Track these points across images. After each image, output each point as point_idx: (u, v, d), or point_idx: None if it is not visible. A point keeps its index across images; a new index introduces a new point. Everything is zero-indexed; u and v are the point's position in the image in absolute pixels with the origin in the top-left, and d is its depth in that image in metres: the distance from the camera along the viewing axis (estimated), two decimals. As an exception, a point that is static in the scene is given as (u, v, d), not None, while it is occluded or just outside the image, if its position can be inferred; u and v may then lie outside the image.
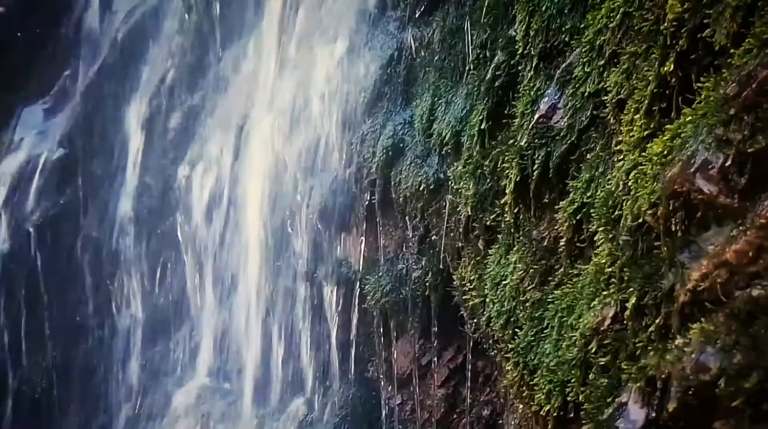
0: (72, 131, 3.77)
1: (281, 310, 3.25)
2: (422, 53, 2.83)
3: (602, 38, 1.90)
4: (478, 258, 2.44)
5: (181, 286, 3.62)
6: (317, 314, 3.19)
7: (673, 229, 1.45)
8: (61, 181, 3.75)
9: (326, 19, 3.08)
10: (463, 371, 2.87)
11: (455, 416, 2.91)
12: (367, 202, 2.95)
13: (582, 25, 2.05)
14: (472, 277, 2.46)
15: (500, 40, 2.47)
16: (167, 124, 3.64)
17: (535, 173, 2.04)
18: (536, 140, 2.04)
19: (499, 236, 2.33)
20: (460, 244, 2.57)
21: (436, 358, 2.85)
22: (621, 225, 1.66)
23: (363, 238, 3.00)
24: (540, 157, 2.03)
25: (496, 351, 2.33)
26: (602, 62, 1.90)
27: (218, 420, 3.42)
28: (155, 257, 3.71)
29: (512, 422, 2.54)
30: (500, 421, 2.76)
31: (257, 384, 3.27)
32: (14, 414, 3.74)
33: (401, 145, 2.81)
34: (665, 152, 1.52)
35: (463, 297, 2.52)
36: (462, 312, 2.63)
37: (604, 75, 1.88)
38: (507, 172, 2.19)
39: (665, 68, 1.57)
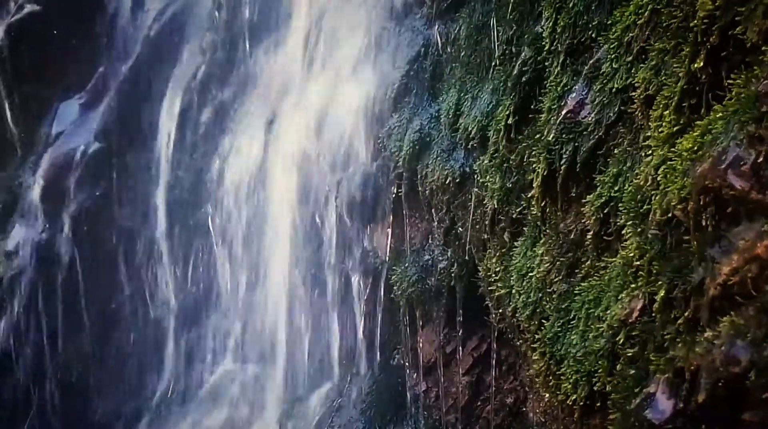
0: (107, 125, 3.87)
1: (309, 298, 3.32)
2: (448, 49, 2.87)
3: (630, 35, 1.93)
4: (503, 250, 2.48)
5: (212, 275, 3.71)
6: (344, 303, 3.26)
7: (704, 223, 1.49)
8: (97, 174, 3.86)
9: (353, 16, 3.13)
10: (486, 359, 2.92)
11: (479, 403, 2.96)
12: (393, 195, 3.00)
13: (609, 22, 2.08)
14: (497, 269, 2.50)
15: (526, 36, 2.50)
16: (199, 118, 3.73)
17: (562, 167, 2.07)
18: (564, 135, 2.08)
19: (525, 229, 2.37)
20: (485, 236, 2.62)
21: (460, 347, 2.90)
22: (650, 219, 1.69)
23: (389, 229, 3.06)
24: (567, 152, 2.06)
25: (521, 341, 2.37)
26: (630, 58, 1.93)
27: (248, 404, 3.51)
28: (187, 247, 3.81)
29: (537, 410, 2.60)
30: (524, 409, 2.80)
31: (286, 370, 3.35)
32: (52, 397, 3.88)
33: (428, 139, 2.86)
34: (695, 148, 1.55)
35: (489, 288, 2.57)
36: (487, 302, 2.67)
37: (632, 71, 1.91)
38: (534, 166, 2.22)
39: (695, 65, 1.60)
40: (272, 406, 3.40)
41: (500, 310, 2.52)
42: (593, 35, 2.13)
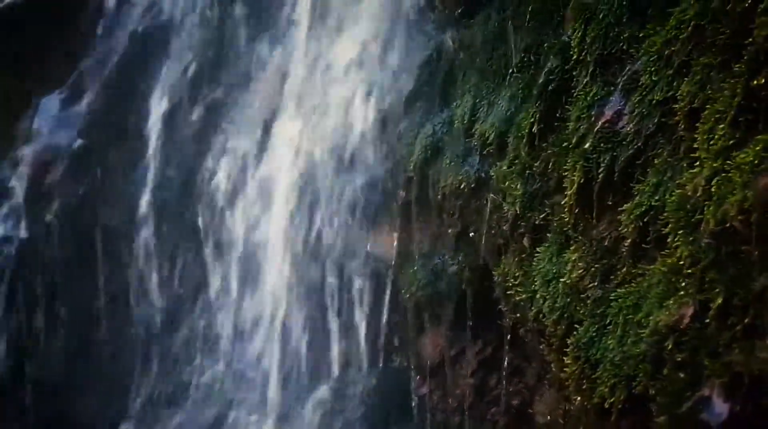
0: (91, 122, 3.72)
1: (307, 300, 3.28)
2: (461, 55, 2.88)
3: (672, 48, 1.99)
4: (523, 255, 2.52)
5: (201, 276, 3.61)
6: (344, 305, 3.23)
7: (768, 235, 1.56)
8: (81, 171, 3.71)
9: (359, 15, 3.10)
10: (491, 363, 2.96)
11: (483, 405, 3.00)
12: (402, 199, 3.00)
13: (641, 35, 2.15)
14: (517, 274, 2.53)
15: (546, 44, 2.54)
16: (189, 117, 3.62)
17: (600, 176, 2.11)
18: (601, 144, 2.12)
19: (549, 235, 2.41)
20: (501, 242, 2.64)
21: (467, 350, 2.93)
22: (702, 229, 1.75)
23: (396, 233, 3.05)
24: (605, 161, 2.11)
25: (544, 345, 2.41)
26: (671, 72, 1.99)
27: (241, 407, 3.43)
28: (175, 247, 3.69)
29: (544, 411, 2.66)
30: (530, 411, 2.85)
31: (281, 372, 3.30)
32: (33, 397, 3.71)
33: (440, 144, 2.87)
34: (756, 161, 1.62)
35: (506, 292, 2.60)
36: (500, 306, 2.70)
37: (674, 84, 1.97)
38: (565, 174, 2.26)
39: (755, 82, 1.66)
40: (267, 409, 3.34)
41: (517, 315, 2.56)
42: (624, 47, 2.19)
